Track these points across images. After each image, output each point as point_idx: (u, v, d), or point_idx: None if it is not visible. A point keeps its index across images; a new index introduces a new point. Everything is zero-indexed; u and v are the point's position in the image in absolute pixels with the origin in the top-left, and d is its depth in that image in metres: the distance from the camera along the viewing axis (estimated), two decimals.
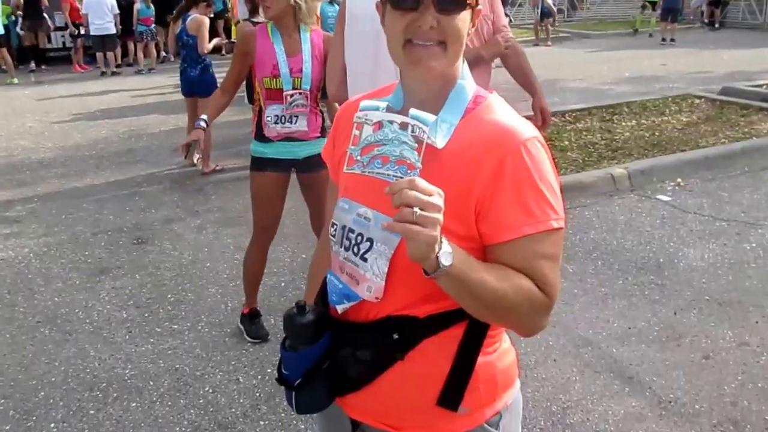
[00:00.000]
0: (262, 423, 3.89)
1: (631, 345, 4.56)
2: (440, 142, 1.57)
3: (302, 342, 1.72)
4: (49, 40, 19.87)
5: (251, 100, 8.59)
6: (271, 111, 4.31)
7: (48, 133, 11.27)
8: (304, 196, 4.65)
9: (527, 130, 1.62)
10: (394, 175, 1.48)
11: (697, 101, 11.39)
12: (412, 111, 1.50)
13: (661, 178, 7.83)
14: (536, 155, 1.58)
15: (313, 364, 1.72)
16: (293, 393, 1.76)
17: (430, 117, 1.50)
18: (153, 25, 18.33)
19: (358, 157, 1.54)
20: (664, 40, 21.47)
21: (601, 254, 5.96)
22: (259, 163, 4.48)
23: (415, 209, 1.34)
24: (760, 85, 12.37)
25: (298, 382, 1.74)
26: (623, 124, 10.16)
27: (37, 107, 13.57)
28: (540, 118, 4.45)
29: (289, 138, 4.34)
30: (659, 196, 7.35)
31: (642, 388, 4.10)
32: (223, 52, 15.69)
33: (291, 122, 4.30)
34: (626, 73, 15.14)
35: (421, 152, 1.47)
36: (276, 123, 4.31)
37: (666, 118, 10.44)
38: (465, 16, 1.63)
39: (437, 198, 1.38)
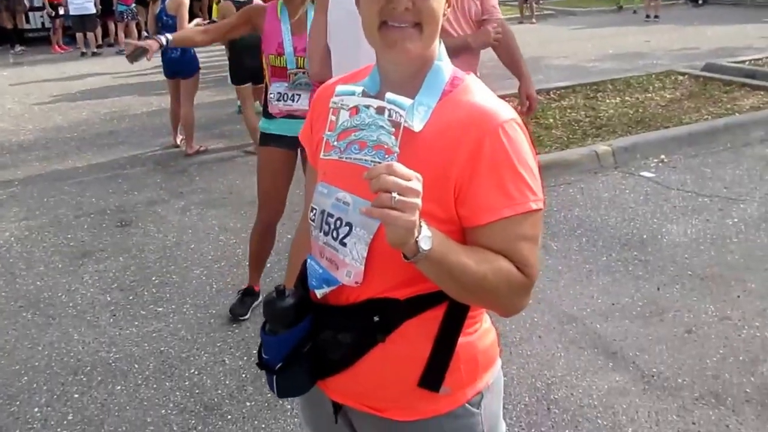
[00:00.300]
0: (248, 404, 3.89)
1: (614, 321, 4.58)
2: (417, 126, 1.56)
3: (282, 326, 1.71)
4: (28, 21, 19.68)
5: (234, 81, 8.57)
6: (275, 88, 4.37)
7: (28, 115, 11.18)
8: (305, 171, 4.62)
9: (505, 111, 1.61)
10: (371, 161, 1.45)
11: (681, 78, 11.39)
12: (389, 95, 1.48)
13: (645, 155, 7.85)
14: (514, 137, 1.58)
15: (293, 347, 1.72)
16: (274, 377, 1.75)
17: (406, 101, 1.48)
18: (133, 5, 18.18)
19: (335, 143, 1.52)
20: (648, 16, 21.43)
21: (585, 231, 5.98)
22: (264, 138, 4.53)
23: (394, 194, 1.34)
24: (743, 62, 12.39)
25: (278, 366, 1.73)
26: (607, 101, 10.16)
27: (16, 89, 13.44)
28: (526, 104, 4.45)
29: (291, 115, 4.34)
30: (643, 173, 7.37)
31: (625, 363, 4.13)
32: None
33: (293, 100, 4.33)
34: (610, 50, 15.13)
35: (398, 137, 1.45)
36: (279, 100, 4.36)
37: (650, 94, 10.45)
38: None
39: (416, 183, 1.38)
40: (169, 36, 4.42)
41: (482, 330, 1.79)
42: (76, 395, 4.03)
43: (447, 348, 1.67)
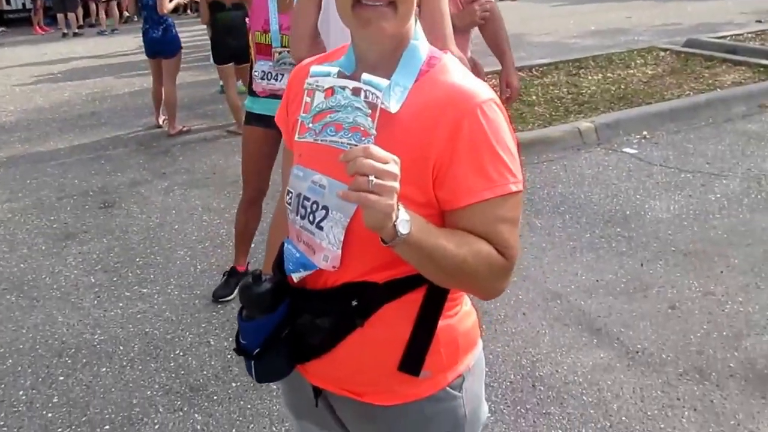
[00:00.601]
0: (234, 384, 3.90)
1: (599, 297, 4.61)
2: (394, 107, 1.52)
3: (259, 311, 1.69)
4: (8, 2, 19.49)
5: (216, 61, 8.52)
6: (259, 66, 4.34)
7: (9, 97, 11.08)
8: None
9: (483, 92, 1.57)
10: (348, 143, 1.43)
11: (662, 54, 11.40)
12: (365, 76, 1.45)
13: (627, 131, 7.86)
14: (493, 118, 1.55)
15: (271, 333, 1.70)
16: (252, 362, 1.74)
17: (383, 82, 1.45)
18: None
19: (310, 125, 1.49)
20: None
21: (569, 208, 5.99)
22: (248, 117, 4.52)
23: (371, 177, 1.31)
24: (724, 37, 12.39)
25: (256, 351, 1.71)
26: (589, 77, 10.17)
27: None
28: (506, 92, 4.42)
29: (274, 95, 4.29)
30: (625, 149, 7.39)
31: (610, 340, 4.16)
32: (188, 11, 15.47)
33: (276, 79, 4.29)
34: (592, 26, 15.10)
35: (375, 118, 1.43)
36: (262, 79, 4.33)
37: (631, 71, 10.45)
38: None
39: (393, 165, 1.35)
40: None
41: (462, 312, 1.77)
42: (62, 377, 4.02)
43: (427, 331, 1.65)
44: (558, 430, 3.48)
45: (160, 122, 8.94)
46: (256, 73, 4.35)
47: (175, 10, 9.27)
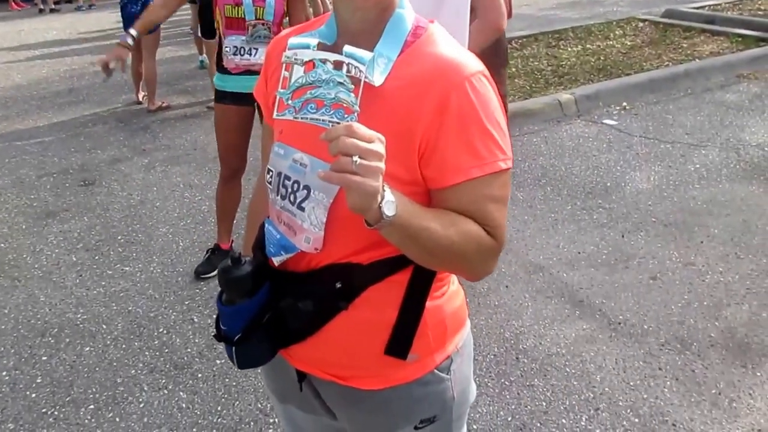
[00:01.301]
0: (218, 362, 3.90)
1: (580, 269, 4.63)
2: (378, 80, 1.43)
3: (239, 295, 1.61)
4: None
5: (205, 35, 8.36)
6: (230, 42, 4.24)
7: None
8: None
9: (472, 63, 1.49)
10: (329, 121, 1.35)
11: (641, 24, 11.43)
12: (347, 48, 1.37)
13: (607, 103, 7.89)
14: (482, 91, 1.46)
15: (252, 317, 1.62)
16: (233, 348, 1.65)
17: (366, 54, 1.37)
18: None
19: (289, 102, 1.41)
20: None
21: (550, 180, 6.01)
22: (219, 95, 4.43)
23: (355, 158, 1.23)
24: (702, 7, 12.43)
25: (237, 337, 1.63)
26: (569, 49, 10.18)
27: None
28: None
29: (249, 71, 4.25)
30: (605, 121, 7.41)
31: (592, 311, 4.19)
32: None
33: (250, 54, 4.22)
34: None
35: (358, 94, 1.35)
36: (235, 54, 4.24)
37: (611, 42, 10.47)
38: None
39: (378, 145, 1.27)
40: (133, 30, 4.23)
41: (450, 292, 1.70)
42: (45, 357, 4.01)
43: (413, 314, 1.60)
44: (542, 402, 3.51)
45: (140, 98, 8.87)
46: (227, 49, 4.25)
47: None
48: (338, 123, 1.32)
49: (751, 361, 3.71)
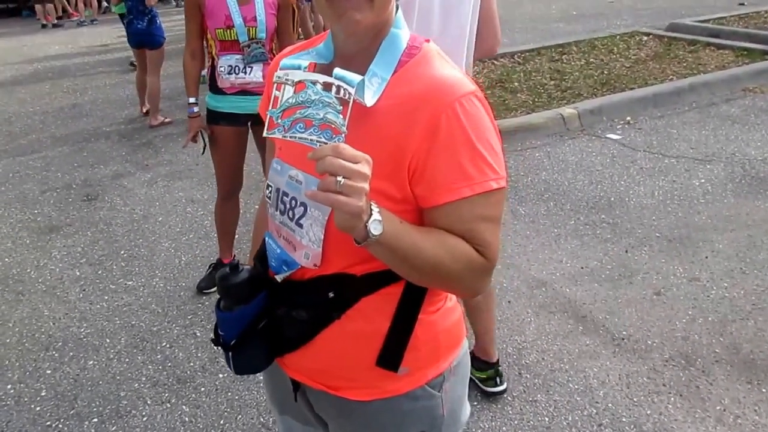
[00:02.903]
0: (221, 376, 3.90)
1: (584, 284, 4.62)
2: (370, 100, 1.47)
3: (236, 302, 1.67)
4: None
5: None
6: (225, 61, 4.25)
7: None
8: (258, 147, 4.53)
9: (463, 85, 1.51)
10: (317, 141, 1.35)
11: (645, 38, 11.44)
12: (337, 71, 1.36)
13: (611, 117, 7.89)
14: (473, 112, 1.48)
15: (248, 324, 1.67)
16: (230, 353, 1.71)
17: (356, 77, 1.36)
18: None
19: (279, 121, 1.41)
20: None
21: (553, 195, 6.01)
22: (213, 116, 4.44)
23: (339, 178, 1.26)
24: (707, 20, 12.44)
25: (233, 342, 1.69)
26: (572, 63, 10.19)
27: None
28: None
29: (244, 91, 4.26)
30: (609, 135, 7.41)
31: (595, 327, 4.17)
32: (172, 0, 15.38)
33: (245, 72, 4.23)
34: (573, 11, 15.10)
35: (346, 115, 1.35)
36: (230, 73, 4.24)
37: (614, 56, 10.48)
38: None
39: (364, 166, 1.29)
40: (191, 99, 4.47)
41: (445, 308, 1.71)
42: (49, 371, 4.01)
43: (405, 326, 1.61)
44: (545, 418, 3.50)
45: (145, 111, 8.90)
46: (222, 69, 4.26)
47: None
48: (326, 143, 1.33)
49: (757, 377, 3.69)
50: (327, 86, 1.37)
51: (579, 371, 3.80)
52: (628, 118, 7.82)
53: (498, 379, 3.64)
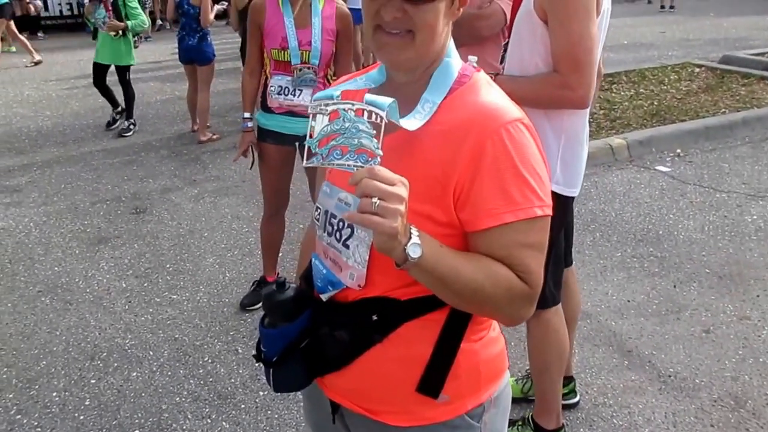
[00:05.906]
0: (261, 393, 3.90)
1: (630, 318, 4.56)
2: (415, 124, 1.51)
3: (280, 319, 1.70)
4: (46, 8, 19.80)
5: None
6: (276, 81, 4.29)
7: (46, 102, 11.24)
8: (305, 169, 4.52)
9: (510, 111, 1.54)
10: (354, 165, 1.39)
11: (697, 70, 11.34)
12: (367, 96, 1.41)
13: (660, 149, 7.82)
14: (518, 139, 1.50)
15: (291, 342, 1.69)
16: (271, 370, 1.73)
17: (386, 100, 1.39)
18: None
19: (317, 150, 1.45)
20: (663, 6, 21.34)
21: (600, 226, 5.95)
22: (261, 133, 4.48)
23: (374, 200, 1.30)
24: (762, 54, 12.27)
25: (275, 359, 1.71)
26: (622, 93, 10.12)
27: (35, 75, 13.51)
28: None
29: (291, 112, 4.29)
30: (658, 167, 7.34)
31: (641, 362, 4.11)
32: (227, 21, 15.53)
33: (294, 95, 4.25)
34: (624, 40, 15.03)
35: (379, 139, 1.38)
36: (279, 94, 4.28)
37: (665, 87, 10.40)
38: (437, 7, 1.53)
39: (400, 188, 1.33)
40: (246, 114, 4.45)
41: (488, 338, 1.72)
42: (93, 381, 4.05)
43: (448, 353, 1.62)
44: None
45: (196, 127, 9.03)
46: (273, 88, 4.30)
47: (218, 16, 9.30)
48: (362, 167, 1.37)
49: None
50: (359, 112, 1.41)
51: (623, 407, 3.74)
52: (678, 151, 7.74)
53: None
